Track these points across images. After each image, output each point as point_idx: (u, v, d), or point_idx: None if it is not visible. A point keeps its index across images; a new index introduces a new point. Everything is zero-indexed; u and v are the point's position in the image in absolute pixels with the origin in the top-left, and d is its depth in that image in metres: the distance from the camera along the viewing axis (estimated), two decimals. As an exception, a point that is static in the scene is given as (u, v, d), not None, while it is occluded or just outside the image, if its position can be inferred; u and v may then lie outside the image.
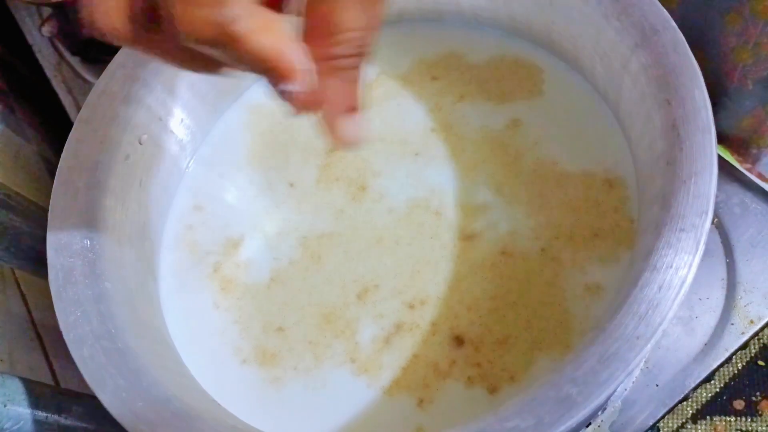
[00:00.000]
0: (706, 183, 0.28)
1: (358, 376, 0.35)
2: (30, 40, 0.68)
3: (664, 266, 0.27)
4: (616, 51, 0.33)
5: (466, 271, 0.37)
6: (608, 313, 0.28)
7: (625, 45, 0.33)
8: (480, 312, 0.35)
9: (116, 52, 0.40)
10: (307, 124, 0.44)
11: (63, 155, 0.37)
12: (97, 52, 0.64)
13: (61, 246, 0.34)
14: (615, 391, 0.40)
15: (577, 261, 0.35)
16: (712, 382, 0.42)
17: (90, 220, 0.35)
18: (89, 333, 0.31)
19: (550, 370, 0.27)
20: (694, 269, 0.27)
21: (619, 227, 0.35)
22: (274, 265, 0.40)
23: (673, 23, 0.31)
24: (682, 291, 0.26)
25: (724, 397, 0.41)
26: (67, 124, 0.63)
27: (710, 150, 0.28)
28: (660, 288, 0.27)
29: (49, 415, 0.35)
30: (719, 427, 0.40)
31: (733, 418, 0.41)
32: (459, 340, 0.35)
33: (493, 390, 0.33)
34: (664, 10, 0.32)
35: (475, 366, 0.34)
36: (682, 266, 0.27)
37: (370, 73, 0.45)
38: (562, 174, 0.38)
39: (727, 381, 0.42)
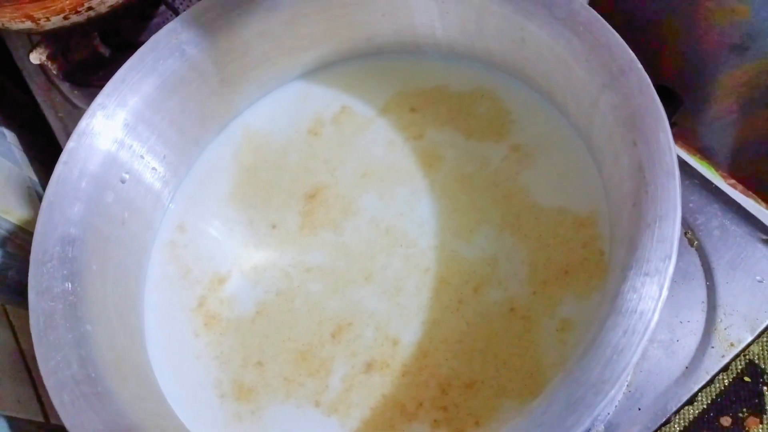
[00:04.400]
0: (670, 227, 0.28)
1: (328, 417, 0.35)
2: (20, 65, 0.68)
3: (629, 311, 0.27)
4: (586, 90, 0.34)
5: (440, 313, 0.37)
6: (575, 356, 0.28)
7: (593, 84, 0.33)
8: (448, 355, 0.35)
9: (105, 77, 0.40)
10: (290, 163, 0.44)
11: (45, 197, 0.37)
12: (86, 78, 0.64)
13: (42, 289, 0.34)
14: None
15: (548, 308, 0.35)
16: (697, 401, 0.42)
17: (71, 262, 0.35)
18: (69, 378, 0.32)
19: (516, 415, 0.27)
20: (657, 314, 0.27)
21: (588, 261, 0.36)
22: (260, 299, 0.40)
23: (639, 64, 0.31)
24: (646, 336, 0.27)
25: (711, 414, 0.41)
26: (56, 149, 0.63)
27: (674, 194, 0.28)
28: (624, 333, 0.27)
29: (33, 453, 0.36)
30: (706, 445, 0.41)
31: (720, 435, 0.41)
32: (427, 382, 0.35)
33: (458, 435, 0.33)
34: (631, 51, 0.32)
35: (441, 409, 0.34)
36: (646, 311, 0.27)
37: (346, 105, 0.45)
38: (538, 209, 0.38)
39: (714, 397, 0.41)
